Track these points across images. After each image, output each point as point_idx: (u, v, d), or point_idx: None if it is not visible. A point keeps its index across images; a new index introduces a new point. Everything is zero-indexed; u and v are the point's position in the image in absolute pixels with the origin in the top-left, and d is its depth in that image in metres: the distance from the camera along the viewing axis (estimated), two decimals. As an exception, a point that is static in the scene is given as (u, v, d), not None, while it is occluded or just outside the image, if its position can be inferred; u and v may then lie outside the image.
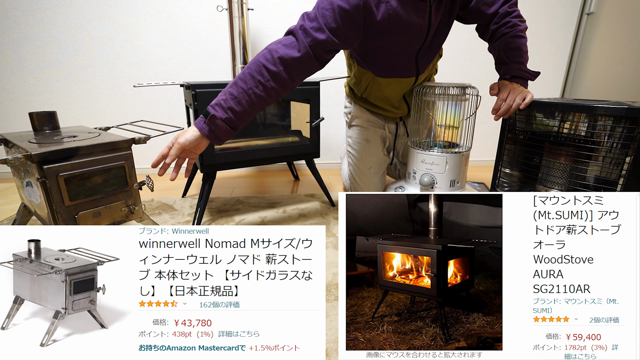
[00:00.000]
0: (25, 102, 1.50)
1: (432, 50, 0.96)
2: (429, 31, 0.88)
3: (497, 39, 0.91)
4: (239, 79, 0.76)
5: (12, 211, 1.20)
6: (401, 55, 0.92)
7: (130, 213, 0.82)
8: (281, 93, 0.79)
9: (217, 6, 1.47)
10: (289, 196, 1.32)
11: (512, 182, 0.88)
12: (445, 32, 0.95)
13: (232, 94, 0.75)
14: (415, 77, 1.01)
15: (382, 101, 1.13)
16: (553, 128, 0.76)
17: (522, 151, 0.85)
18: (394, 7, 0.80)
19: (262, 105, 0.78)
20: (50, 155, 0.67)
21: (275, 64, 0.75)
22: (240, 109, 0.75)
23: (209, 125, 0.75)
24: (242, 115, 0.76)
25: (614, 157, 0.68)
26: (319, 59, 0.80)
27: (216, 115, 0.74)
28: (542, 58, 1.69)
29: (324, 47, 0.78)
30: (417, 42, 0.90)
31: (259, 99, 0.76)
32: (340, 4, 0.76)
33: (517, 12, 0.90)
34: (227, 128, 0.75)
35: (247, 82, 0.75)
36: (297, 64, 0.76)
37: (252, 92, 0.75)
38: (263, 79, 0.75)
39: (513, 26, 0.89)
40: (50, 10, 1.40)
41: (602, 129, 0.68)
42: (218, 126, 0.74)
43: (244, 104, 0.75)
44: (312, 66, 0.80)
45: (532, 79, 0.87)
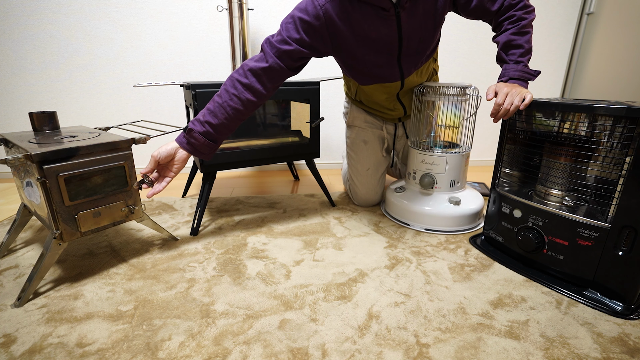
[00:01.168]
0: (25, 102, 1.51)
1: (417, 54, 0.93)
2: (401, 38, 0.87)
3: (500, 34, 0.89)
4: (216, 95, 0.82)
5: (12, 211, 1.20)
6: (377, 63, 0.93)
7: (130, 213, 0.82)
8: (256, 103, 0.83)
9: (217, 6, 1.47)
10: (289, 196, 1.32)
11: (512, 182, 0.89)
12: (430, 35, 0.91)
13: (209, 109, 0.81)
14: (400, 80, 1.00)
15: (375, 104, 1.13)
16: (553, 128, 0.76)
17: (522, 151, 0.85)
18: (358, 18, 0.83)
19: (238, 117, 0.82)
20: (50, 155, 0.67)
21: (247, 76, 0.81)
22: (217, 122, 0.80)
23: (187, 139, 0.80)
24: (219, 128, 0.80)
25: (614, 157, 0.68)
26: (288, 66, 0.84)
27: (193, 129, 0.79)
28: (542, 58, 1.69)
29: (290, 56, 0.83)
30: (391, 49, 0.90)
31: (235, 110, 0.81)
32: (301, 15, 0.82)
33: (523, 2, 0.86)
34: (206, 141, 0.80)
35: (222, 97, 0.81)
36: (267, 72, 0.82)
37: (227, 104, 0.80)
38: (237, 92, 0.81)
39: (516, 21, 0.86)
40: (50, 10, 1.40)
41: (602, 129, 0.68)
42: (196, 139, 0.79)
43: (220, 117, 0.80)
44: (283, 73, 0.85)
45: (532, 79, 0.85)
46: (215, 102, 0.81)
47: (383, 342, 0.59)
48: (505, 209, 0.84)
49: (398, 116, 1.17)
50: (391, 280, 0.77)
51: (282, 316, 0.66)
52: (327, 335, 0.61)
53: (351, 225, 1.06)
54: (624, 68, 1.42)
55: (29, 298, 0.70)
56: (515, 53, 0.86)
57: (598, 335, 0.61)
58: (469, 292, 0.73)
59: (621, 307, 0.67)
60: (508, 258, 0.86)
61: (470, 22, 1.60)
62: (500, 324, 0.64)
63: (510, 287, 0.75)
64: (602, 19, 1.52)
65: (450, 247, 0.93)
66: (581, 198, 0.76)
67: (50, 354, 0.56)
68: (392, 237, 0.99)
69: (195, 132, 0.79)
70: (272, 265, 0.84)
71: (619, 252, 0.66)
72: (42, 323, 0.64)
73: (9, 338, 0.60)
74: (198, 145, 0.80)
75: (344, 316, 0.66)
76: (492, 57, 1.67)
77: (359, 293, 0.73)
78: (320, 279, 0.78)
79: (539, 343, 0.59)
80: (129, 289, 0.74)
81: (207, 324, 0.63)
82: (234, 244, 0.94)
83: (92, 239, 0.97)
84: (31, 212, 0.84)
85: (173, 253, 0.89)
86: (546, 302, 0.70)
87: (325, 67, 1.59)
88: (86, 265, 0.84)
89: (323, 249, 0.92)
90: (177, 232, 1.01)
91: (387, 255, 0.88)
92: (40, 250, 0.91)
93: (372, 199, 1.20)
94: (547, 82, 1.73)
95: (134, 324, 0.63)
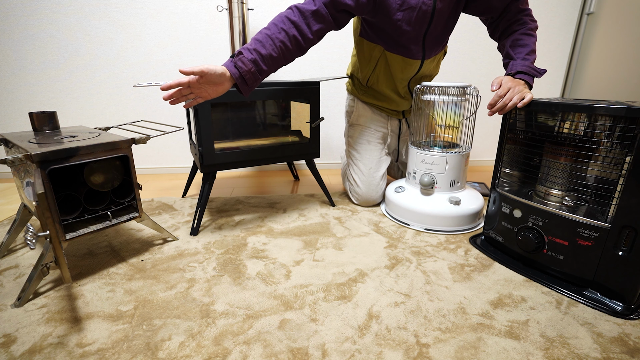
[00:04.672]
0: (25, 102, 1.51)
1: (439, 37, 1.00)
2: (434, 14, 0.92)
3: (507, 36, 0.94)
4: (264, 28, 0.83)
5: (12, 211, 1.20)
6: (408, 34, 0.96)
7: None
8: (300, 45, 0.85)
9: (217, 6, 1.47)
10: (289, 196, 1.32)
11: (512, 182, 0.89)
12: (451, 21, 0.99)
13: (257, 39, 0.80)
14: (421, 60, 1.05)
15: (388, 87, 1.13)
16: (553, 128, 0.76)
17: (522, 151, 0.85)
18: None
19: (284, 54, 0.83)
20: (50, 155, 0.67)
21: (295, 15, 0.84)
22: (265, 52, 0.80)
23: (235, 63, 0.78)
24: (266, 58, 0.80)
25: (614, 157, 0.68)
26: (332, 16, 0.88)
27: (242, 52, 0.78)
28: (542, 58, 1.69)
29: (335, 5, 0.86)
30: (422, 23, 0.94)
31: (282, 45, 0.82)
32: None
33: (529, 11, 0.93)
34: (253, 68, 0.79)
35: (271, 29, 0.82)
36: (314, 16, 0.85)
37: (275, 37, 0.81)
38: (285, 27, 0.82)
39: (523, 24, 0.91)
40: (50, 10, 1.40)
41: (602, 129, 0.68)
42: (245, 64, 0.78)
43: (268, 48, 0.80)
44: (327, 22, 0.87)
45: (538, 76, 0.87)
46: (263, 33, 0.81)
47: (383, 342, 0.59)
48: (505, 209, 0.84)
49: (404, 108, 1.19)
50: (391, 280, 0.77)
51: (282, 316, 0.66)
52: (327, 335, 0.61)
53: (351, 225, 1.06)
54: (624, 68, 1.42)
55: (29, 298, 0.70)
56: (522, 51, 0.89)
57: (598, 335, 0.61)
58: (469, 292, 0.73)
59: (621, 307, 0.67)
60: (508, 258, 0.86)
61: (470, 22, 1.60)
62: (500, 324, 0.64)
63: (510, 287, 0.75)
64: (602, 19, 1.52)
65: (450, 247, 0.92)
66: (581, 198, 0.76)
67: (50, 354, 0.56)
68: (392, 237, 0.99)
69: (244, 55, 0.78)
70: (272, 265, 0.84)
71: (619, 252, 0.66)
72: (42, 323, 0.64)
73: (9, 338, 0.60)
74: (244, 72, 0.78)
75: (344, 316, 0.66)
76: (493, 57, 1.67)
77: (359, 293, 0.73)
78: (320, 279, 0.78)
79: (539, 343, 0.59)
80: (129, 289, 0.74)
81: (207, 324, 0.63)
82: (234, 244, 0.94)
83: (92, 239, 0.97)
84: (31, 212, 0.84)
85: (173, 253, 0.89)
86: (546, 302, 0.70)
87: (325, 67, 1.59)
88: (86, 265, 0.84)
89: (323, 249, 0.92)
90: (177, 232, 1.01)
91: (387, 255, 0.88)
92: (40, 250, 0.91)
93: (373, 199, 1.20)
94: (547, 82, 1.73)
95: (134, 324, 0.63)
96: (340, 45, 1.56)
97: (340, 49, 1.57)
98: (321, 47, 1.56)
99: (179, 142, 1.66)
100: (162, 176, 1.64)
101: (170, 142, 1.65)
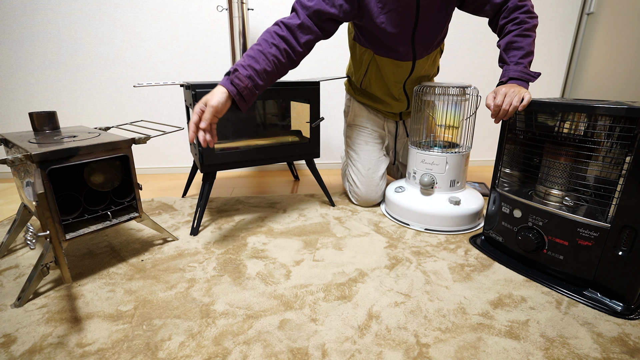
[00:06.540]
0: (25, 102, 1.51)
1: (429, 35, 0.98)
2: (419, 12, 0.91)
3: (503, 35, 0.91)
4: (253, 45, 0.83)
5: (12, 211, 1.20)
6: (394, 35, 0.95)
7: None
8: (292, 58, 0.87)
9: (217, 6, 1.47)
10: (289, 196, 1.32)
11: (512, 182, 0.89)
12: (441, 18, 0.97)
13: (250, 55, 0.81)
14: (412, 61, 1.03)
15: (381, 90, 1.13)
16: (553, 128, 0.76)
17: (522, 151, 0.85)
18: None
19: (277, 67, 0.84)
20: (50, 155, 0.67)
21: (283, 30, 0.85)
22: (259, 67, 0.80)
23: (232, 80, 0.78)
24: (261, 73, 0.81)
25: (614, 157, 0.68)
26: (319, 26, 0.88)
27: (238, 69, 0.79)
28: (542, 58, 1.69)
29: (319, 16, 0.87)
30: (407, 22, 0.93)
31: (275, 59, 0.83)
32: None
33: (527, 7, 0.88)
34: (250, 83, 0.80)
35: (262, 45, 0.83)
36: (300, 29, 0.86)
37: (267, 52, 0.82)
38: (275, 41, 0.83)
39: (520, 23, 0.87)
40: (50, 10, 1.40)
41: (602, 129, 0.68)
42: (241, 80, 0.78)
43: (261, 63, 0.81)
44: (314, 33, 0.88)
45: (532, 80, 0.85)
46: (255, 49, 0.82)
47: (383, 342, 0.59)
48: (505, 209, 0.84)
49: (400, 110, 1.17)
50: (391, 280, 0.77)
51: (282, 316, 0.65)
52: (327, 335, 0.61)
53: (351, 225, 1.06)
54: (624, 68, 1.42)
55: (29, 298, 0.70)
56: (516, 55, 0.87)
57: (598, 335, 0.61)
58: (469, 292, 0.73)
59: (621, 307, 0.67)
60: (508, 258, 0.86)
61: (471, 22, 1.60)
62: (500, 324, 0.64)
63: (510, 287, 0.75)
64: (602, 19, 1.52)
65: (450, 247, 0.92)
66: (581, 198, 0.76)
67: (50, 354, 0.56)
68: (392, 237, 0.99)
69: (239, 72, 0.78)
70: (272, 265, 0.84)
71: (619, 252, 0.66)
72: (42, 323, 0.64)
73: (9, 338, 0.60)
74: (241, 88, 0.78)
75: (344, 316, 0.66)
76: (493, 57, 1.67)
77: (359, 293, 0.73)
78: (320, 279, 0.78)
79: (539, 343, 0.59)
80: (129, 289, 0.74)
81: (207, 324, 0.63)
82: (234, 244, 0.94)
83: (92, 239, 0.97)
84: (31, 212, 0.84)
85: (173, 253, 0.89)
86: (546, 302, 0.70)
87: (325, 67, 1.59)
88: (86, 265, 0.84)
89: (323, 249, 0.92)
90: (177, 232, 1.01)
91: (387, 255, 0.88)
92: (40, 250, 0.91)
93: (373, 199, 1.20)
94: (547, 82, 1.73)
95: (134, 324, 0.63)
96: (340, 46, 1.57)
97: (340, 49, 1.57)
98: (321, 47, 1.56)
99: (179, 142, 1.66)
100: (162, 176, 1.64)
101: (170, 142, 1.65)
